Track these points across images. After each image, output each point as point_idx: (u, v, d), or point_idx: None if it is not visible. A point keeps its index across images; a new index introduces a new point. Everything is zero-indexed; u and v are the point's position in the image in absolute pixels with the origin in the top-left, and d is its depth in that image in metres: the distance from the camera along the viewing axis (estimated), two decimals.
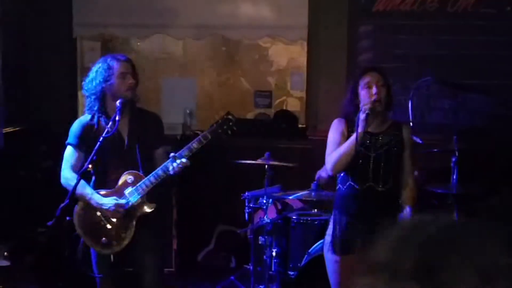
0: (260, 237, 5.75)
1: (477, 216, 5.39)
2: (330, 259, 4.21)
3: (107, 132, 4.35)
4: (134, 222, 4.47)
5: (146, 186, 4.45)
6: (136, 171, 4.51)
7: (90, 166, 4.51)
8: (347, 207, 4.14)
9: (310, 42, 7.30)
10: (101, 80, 4.43)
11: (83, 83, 4.64)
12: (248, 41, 7.74)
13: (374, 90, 4.07)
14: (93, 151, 4.31)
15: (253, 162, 6.13)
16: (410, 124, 5.44)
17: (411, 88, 6.58)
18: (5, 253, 5.13)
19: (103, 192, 4.49)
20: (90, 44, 7.97)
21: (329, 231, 4.22)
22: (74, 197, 4.42)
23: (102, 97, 4.47)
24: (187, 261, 6.97)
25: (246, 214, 6.01)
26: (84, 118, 4.61)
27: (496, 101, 6.81)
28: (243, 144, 7.21)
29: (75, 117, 7.79)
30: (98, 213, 4.47)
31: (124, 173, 4.49)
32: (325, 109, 7.24)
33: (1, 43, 6.63)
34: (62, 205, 4.37)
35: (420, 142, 5.89)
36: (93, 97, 4.48)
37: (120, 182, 4.49)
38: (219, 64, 8.10)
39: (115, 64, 4.48)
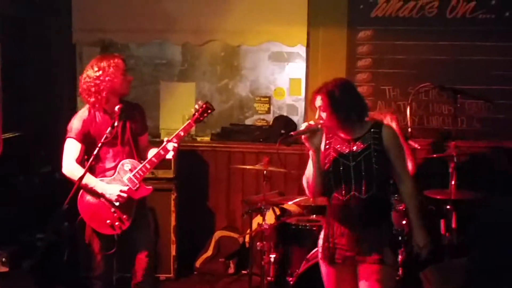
0: (258, 243, 5.74)
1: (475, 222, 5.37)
2: (321, 264, 4.21)
3: (106, 137, 4.65)
4: (134, 205, 4.92)
5: (143, 172, 4.91)
6: (132, 159, 4.95)
7: (85, 156, 4.88)
8: (335, 216, 4.12)
9: (309, 47, 7.30)
10: (109, 77, 4.82)
11: (83, 79, 4.90)
12: (247, 47, 7.74)
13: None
14: (96, 150, 4.62)
15: (252, 167, 6.14)
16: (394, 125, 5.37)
17: (410, 93, 6.59)
18: (4, 259, 5.13)
19: (104, 180, 4.87)
20: (90, 49, 7.97)
21: (322, 235, 4.22)
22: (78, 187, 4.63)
23: (105, 93, 4.83)
24: (186, 266, 6.97)
25: (245, 220, 6.01)
26: (82, 113, 4.96)
27: (494, 107, 6.81)
28: (242, 150, 7.23)
29: None
30: (102, 199, 4.87)
31: (122, 161, 4.92)
32: None
33: (0, 49, 6.63)
34: (60, 210, 4.39)
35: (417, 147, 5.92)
36: (98, 94, 4.82)
37: (118, 169, 4.91)
38: (218, 70, 8.10)
39: (120, 62, 4.90)
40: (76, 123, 4.91)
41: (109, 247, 4.91)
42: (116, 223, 4.87)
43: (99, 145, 4.66)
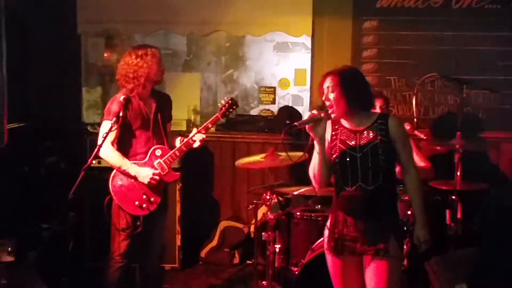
0: (263, 233, 5.74)
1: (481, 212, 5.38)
2: (327, 254, 4.21)
3: (111, 127, 4.77)
4: (163, 189, 5.27)
5: (173, 158, 5.25)
6: (163, 145, 5.27)
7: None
8: (340, 206, 4.11)
9: (314, 38, 7.29)
10: (147, 64, 5.12)
11: (120, 66, 5.20)
12: (252, 37, 7.72)
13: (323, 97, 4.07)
14: (101, 141, 4.67)
15: (257, 158, 6.12)
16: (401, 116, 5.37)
17: (416, 84, 6.58)
18: (9, 249, 5.14)
19: (137, 163, 5.16)
20: (94, 40, 7.97)
21: (327, 225, 4.21)
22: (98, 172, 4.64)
23: (143, 80, 5.13)
24: (191, 257, 6.98)
25: (250, 210, 6.01)
26: (119, 97, 5.07)
27: (500, 97, 6.80)
28: (247, 140, 7.22)
29: (79, 113, 7.84)
30: (133, 181, 5.16)
31: (153, 146, 5.22)
32: None
33: (5, 40, 6.62)
34: (65, 201, 4.39)
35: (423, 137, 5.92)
36: (137, 80, 5.11)
37: (150, 154, 5.22)
38: (223, 60, 8.09)
39: (156, 52, 5.23)
40: (114, 106, 5.07)
41: (134, 228, 5.20)
42: (144, 205, 5.18)
43: (104, 134, 4.77)
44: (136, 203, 5.16)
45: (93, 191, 6.22)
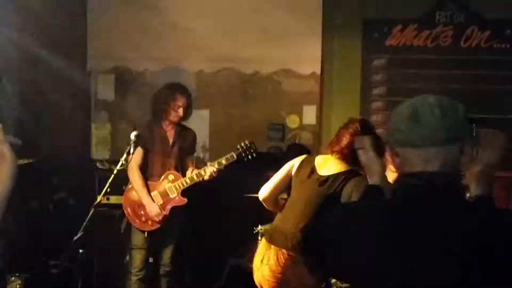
0: None
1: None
2: None
3: (122, 164, 4.82)
4: (168, 211, 5.92)
5: (183, 185, 5.92)
6: (176, 172, 5.95)
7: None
8: None
9: (324, 75, 7.31)
10: (167, 105, 5.93)
11: (155, 93, 6.14)
12: (261, 75, 7.75)
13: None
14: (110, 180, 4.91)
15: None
16: None
17: None
18: (18, 286, 5.11)
19: (149, 183, 5.92)
20: (104, 76, 8.00)
21: None
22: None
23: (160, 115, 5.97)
24: None
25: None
26: (148, 123, 6.06)
27: (510, 136, 6.78)
28: (256, 177, 7.18)
29: (88, 149, 7.84)
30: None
31: (167, 171, 5.93)
32: None
33: (18, 75, 6.66)
34: (75, 237, 4.39)
35: None
36: (156, 112, 6.01)
37: (163, 178, 5.94)
38: (232, 97, 8.09)
39: (180, 99, 5.95)
40: (144, 132, 5.79)
41: (139, 241, 5.91)
42: (149, 222, 5.88)
43: (117, 167, 4.85)
44: (143, 218, 5.87)
45: (103, 228, 6.22)
